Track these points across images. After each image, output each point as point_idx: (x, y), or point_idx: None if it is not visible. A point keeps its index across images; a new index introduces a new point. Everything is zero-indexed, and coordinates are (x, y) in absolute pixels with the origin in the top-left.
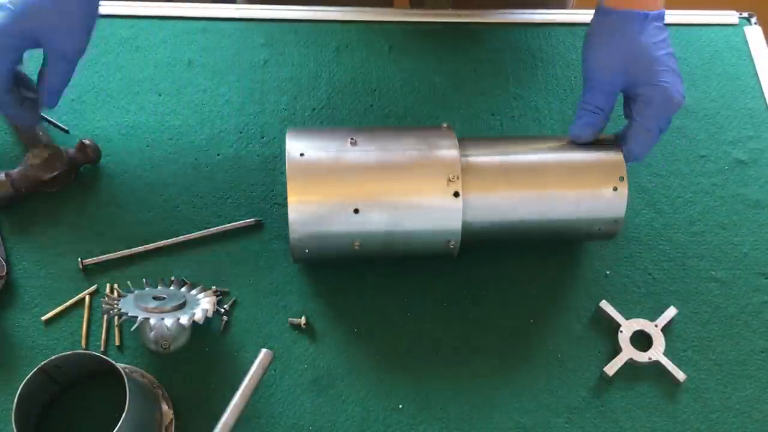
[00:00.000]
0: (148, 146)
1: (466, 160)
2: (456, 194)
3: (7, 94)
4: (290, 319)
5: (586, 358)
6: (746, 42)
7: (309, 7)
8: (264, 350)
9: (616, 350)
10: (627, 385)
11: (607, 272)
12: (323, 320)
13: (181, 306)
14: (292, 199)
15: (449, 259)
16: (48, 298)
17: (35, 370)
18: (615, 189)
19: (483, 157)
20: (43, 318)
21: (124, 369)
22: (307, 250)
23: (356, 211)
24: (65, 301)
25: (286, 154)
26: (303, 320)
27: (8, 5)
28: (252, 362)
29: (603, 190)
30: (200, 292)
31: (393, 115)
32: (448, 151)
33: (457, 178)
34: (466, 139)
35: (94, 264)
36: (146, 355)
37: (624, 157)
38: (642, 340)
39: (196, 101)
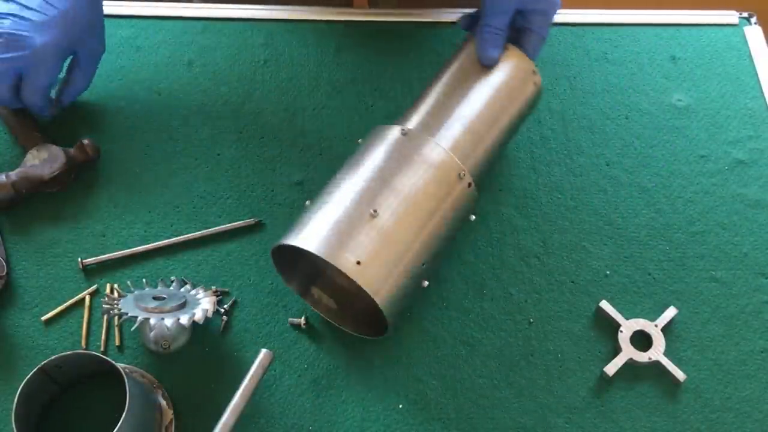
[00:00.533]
0: (148, 146)
1: (444, 146)
2: (470, 185)
3: (48, 97)
4: (290, 319)
5: (586, 358)
6: (746, 42)
7: (309, 7)
8: (264, 350)
9: (616, 350)
10: (627, 385)
11: (607, 272)
12: (323, 320)
13: (181, 306)
14: (384, 307)
15: (448, 258)
16: (48, 298)
17: (35, 370)
18: (534, 84)
19: (449, 131)
20: (43, 318)
21: (124, 369)
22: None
23: (424, 263)
24: (65, 301)
25: (348, 273)
26: (303, 320)
27: (53, 19)
28: (252, 362)
29: (530, 88)
30: (200, 292)
31: (393, 115)
32: (443, 160)
33: (464, 173)
34: (413, 120)
35: (94, 264)
36: (146, 355)
37: None
38: (642, 340)
39: (196, 101)
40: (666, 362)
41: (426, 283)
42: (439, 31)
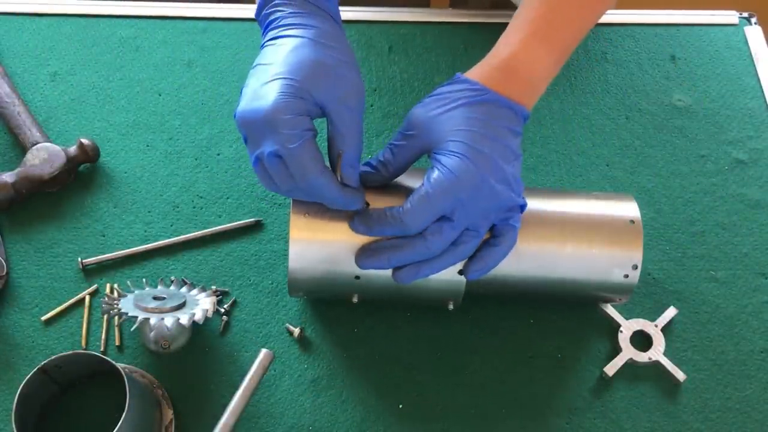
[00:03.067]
0: (147, 146)
1: None
2: (461, 272)
3: (322, 176)
4: (287, 324)
5: (586, 358)
6: (746, 42)
7: None
8: (264, 350)
9: (616, 350)
10: (627, 385)
11: None
12: (323, 320)
13: (181, 306)
14: (293, 263)
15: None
16: (48, 298)
17: (35, 370)
18: (626, 276)
19: None
20: (43, 318)
21: (124, 369)
22: (304, 296)
23: (357, 277)
24: (65, 301)
25: (291, 214)
26: (298, 331)
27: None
28: (252, 362)
29: (614, 277)
30: (200, 292)
31: (393, 115)
32: None
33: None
34: None
35: (94, 264)
36: (146, 355)
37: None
38: (642, 340)
39: (196, 101)
40: (666, 362)
41: (355, 299)
42: (439, 31)
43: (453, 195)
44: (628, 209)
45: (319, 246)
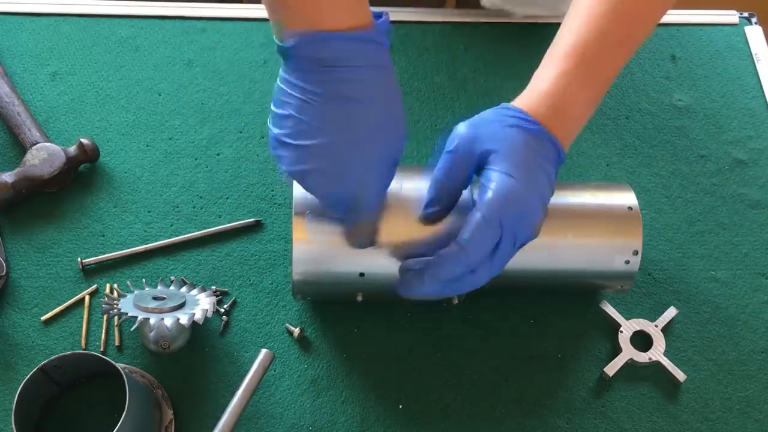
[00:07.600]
0: (147, 146)
1: None
2: None
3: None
4: (287, 324)
5: (586, 358)
6: (746, 42)
7: None
8: (264, 350)
9: (616, 350)
10: (627, 385)
11: None
12: (323, 320)
13: (181, 306)
14: (297, 265)
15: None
16: (48, 298)
17: (35, 370)
18: (627, 262)
19: None
20: (43, 318)
21: (123, 369)
22: (308, 297)
23: (361, 275)
24: (65, 301)
25: (293, 209)
26: (298, 331)
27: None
28: (252, 362)
29: (615, 264)
30: (200, 292)
31: None
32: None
33: None
34: None
35: (94, 264)
36: (146, 355)
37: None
38: (642, 340)
39: (196, 101)
40: (666, 362)
41: (360, 297)
42: (439, 31)
43: (507, 210)
44: (626, 197)
45: (322, 245)
